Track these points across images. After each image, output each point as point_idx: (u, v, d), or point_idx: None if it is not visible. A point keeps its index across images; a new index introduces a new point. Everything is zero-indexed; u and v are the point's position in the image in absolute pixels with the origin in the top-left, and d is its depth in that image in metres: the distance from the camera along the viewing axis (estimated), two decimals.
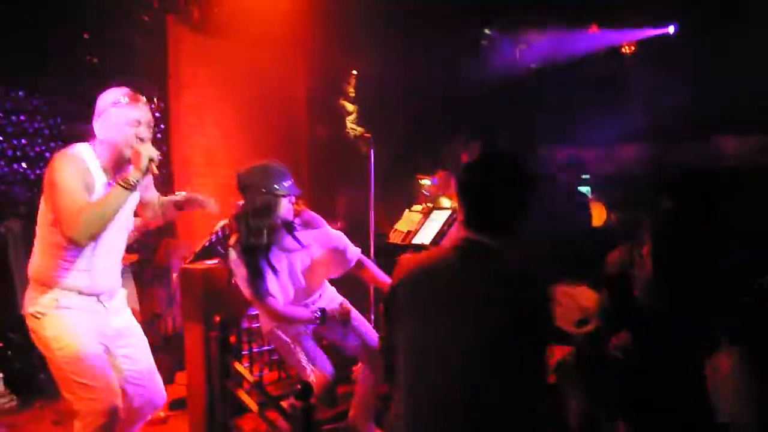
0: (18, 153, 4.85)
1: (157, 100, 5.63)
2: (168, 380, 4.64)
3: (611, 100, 6.56)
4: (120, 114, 2.39)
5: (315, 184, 7.02)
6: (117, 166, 2.44)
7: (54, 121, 5.06)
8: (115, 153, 2.43)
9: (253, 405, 3.37)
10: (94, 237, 2.32)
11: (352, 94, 7.61)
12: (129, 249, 3.46)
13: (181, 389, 4.28)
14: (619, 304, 2.42)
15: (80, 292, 2.44)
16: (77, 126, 4.73)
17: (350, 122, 7.48)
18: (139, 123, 2.42)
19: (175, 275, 4.80)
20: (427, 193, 3.81)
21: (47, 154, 4.82)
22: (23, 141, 4.90)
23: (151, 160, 2.37)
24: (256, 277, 2.89)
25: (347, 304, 3.20)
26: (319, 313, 3.01)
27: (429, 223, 3.51)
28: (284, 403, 3.16)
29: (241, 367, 3.50)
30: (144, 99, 2.49)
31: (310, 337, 3.18)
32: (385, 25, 6.48)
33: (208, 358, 3.44)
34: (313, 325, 3.14)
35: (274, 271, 2.93)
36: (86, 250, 2.41)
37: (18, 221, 4.67)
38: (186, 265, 3.73)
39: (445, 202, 3.67)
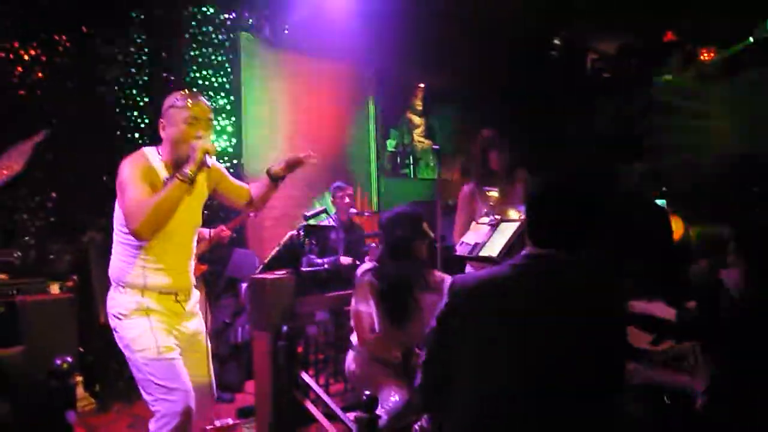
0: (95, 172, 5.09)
1: (231, 114, 5.79)
2: (237, 389, 4.74)
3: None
4: (178, 113, 2.50)
5: (383, 199, 7.05)
6: (180, 163, 2.51)
7: (138, 134, 5.30)
8: (177, 151, 2.52)
9: (319, 415, 3.38)
10: (157, 230, 2.40)
11: (420, 107, 7.62)
12: (200, 259, 3.56)
13: (249, 398, 4.35)
14: (703, 319, 2.28)
15: (159, 292, 2.53)
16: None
17: (417, 135, 7.48)
18: (197, 120, 2.50)
19: (244, 285, 4.89)
20: (493, 204, 3.74)
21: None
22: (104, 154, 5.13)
23: (207, 152, 2.44)
24: (388, 312, 3.15)
25: None
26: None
27: (497, 236, 3.44)
28: (350, 415, 3.17)
29: (308, 377, 3.53)
30: (201, 98, 2.57)
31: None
32: (454, 37, 6.47)
33: (276, 368, 3.47)
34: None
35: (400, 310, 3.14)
36: (159, 248, 2.50)
37: (99, 233, 4.88)
38: (255, 275, 3.79)
39: (513, 213, 3.59)
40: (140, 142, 5.20)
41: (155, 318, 2.50)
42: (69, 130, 5.09)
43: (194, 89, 2.66)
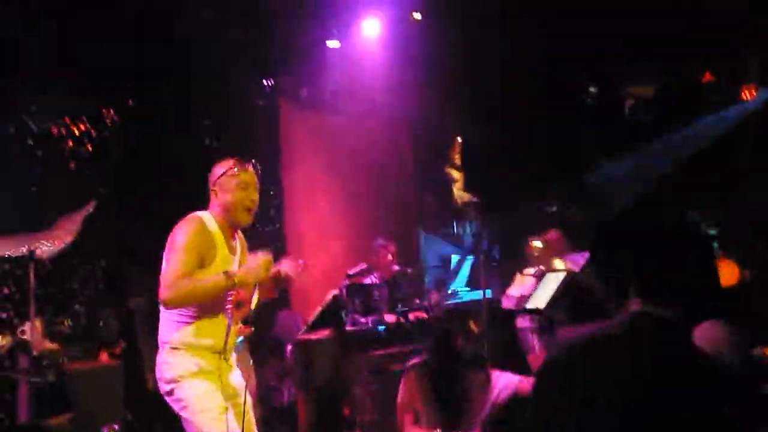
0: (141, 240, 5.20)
1: (271, 176, 5.89)
2: None
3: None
4: (229, 180, 2.61)
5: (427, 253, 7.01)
6: (232, 228, 2.66)
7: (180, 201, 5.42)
8: (229, 216, 2.63)
9: None
10: (181, 306, 2.49)
11: (458, 161, 7.64)
12: (244, 322, 3.56)
13: None
14: None
15: (212, 351, 2.58)
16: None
17: (457, 189, 7.48)
18: (247, 186, 2.61)
19: (289, 347, 4.86)
20: (537, 255, 3.67)
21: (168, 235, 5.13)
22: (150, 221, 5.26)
23: (266, 268, 2.55)
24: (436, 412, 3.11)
25: None
26: None
27: (542, 286, 3.36)
28: None
29: None
30: (251, 166, 2.68)
31: None
32: (488, 90, 6.51)
33: (323, 430, 3.41)
34: None
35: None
36: (209, 310, 2.56)
37: (144, 299, 4.96)
38: (299, 337, 3.77)
39: (559, 264, 3.51)
40: (181, 210, 5.31)
41: (210, 379, 2.55)
42: (115, 200, 5.25)
43: (237, 155, 2.73)
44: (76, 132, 5.22)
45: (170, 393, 2.55)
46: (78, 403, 3.16)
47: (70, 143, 5.17)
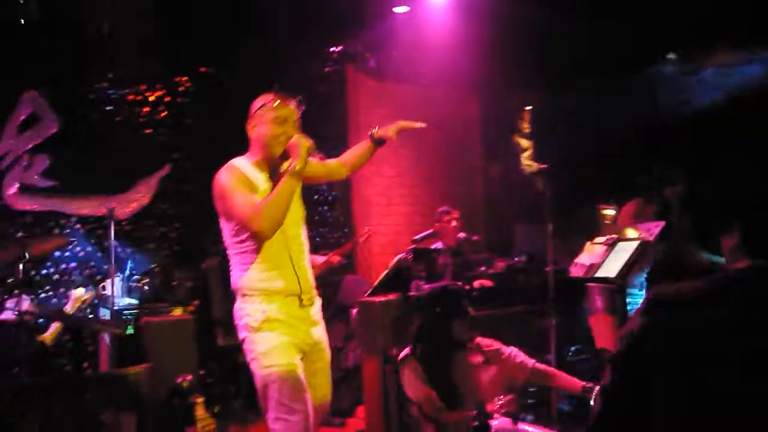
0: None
1: (337, 144, 5.93)
2: (348, 413, 4.75)
3: None
4: (267, 113, 2.52)
5: (491, 222, 6.95)
6: (269, 163, 2.55)
7: None
8: (266, 151, 2.53)
9: None
10: (278, 226, 2.41)
11: (527, 130, 7.47)
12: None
13: (360, 422, 4.35)
14: None
15: (284, 295, 2.50)
16: None
17: (525, 158, 7.33)
18: (286, 121, 2.51)
19: (354, 311, 4.94)
20: (609, 223, 3.57)
21: None
22: None
23: (308, 148, 2.43)
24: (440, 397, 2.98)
25: None
26: None
27: (614, 255, 3.26)
28: None
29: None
30: (294, 102, 2.57)
31: None
32: (559, 59, 6.32)
33: (385, 392, 3.46)
34: None
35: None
36: (275, 247, 2.48)
37: (217, 258, 5.11)
38: (365, 299, 3.82)
39: (632, 232, 3.40)
40: None
41: (283, 331, 2.47)
42: (188, 164, 5.42)
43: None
44: (152, 98, 5.40)
45: (243, 342, 2.51)
46: (154, 355, 3.33)
47: (146, 109, 5.35)
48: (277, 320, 2.46)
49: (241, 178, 2.47)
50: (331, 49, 6.08)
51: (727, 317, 1.39)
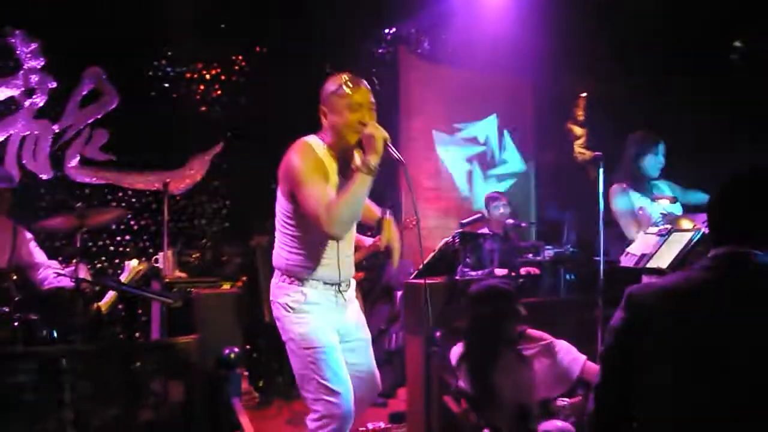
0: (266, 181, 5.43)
1: (388, 126, 5.92)
2: (390, 394, 4.78)
3: None
4: (340, 99, 2.39)
5: (542, 209, 6.85)
6: (344, 151, 2.47)
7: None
8: (340, 139, 2.43)
9: (469, 425, 3.31)
10: (350, 228, 2.42)
11: (581, 117, 7.31)
12: (357, 267, 3.66)
13: (402, 404, 4.37)
14: None
15: (324, 282, 2.49)
16: None
17: (578, 146, 7.18)
18: (360, 105, 2.39)
19: (399, 294, 4.95)
20: (664, 213, 3.47)
21: None
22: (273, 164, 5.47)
23: (385, 140, 2.33)
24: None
25: None
26: None
27: (667, 246, 3.18)
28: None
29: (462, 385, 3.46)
30: (363, 82, 2.45)
31: None
32: (616, 45, 6.14)
33: (428, 374, 3.45)
34: None
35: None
36: (322, 241, 2.45)
37: (266, 236, 5.19)
38: (410, 280, 3.82)
39: (687, 223, 3.30)
40: None
41: (320, 314, 2.47)
42: (241, 142, 5.50)
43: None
44: (208, 76, 5.49)
45: (279, 320, 2.52)
46: (202, 326, 3.42)
47: (202, 87, 5.45)
48: (316, 304, 2.47)
49: (316, 164, 2.37)
50: (385, 31, 6.06)
51: (698, 290, 1.50)
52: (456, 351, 3.11)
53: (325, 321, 2.48)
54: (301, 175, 2.33)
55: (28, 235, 3.86)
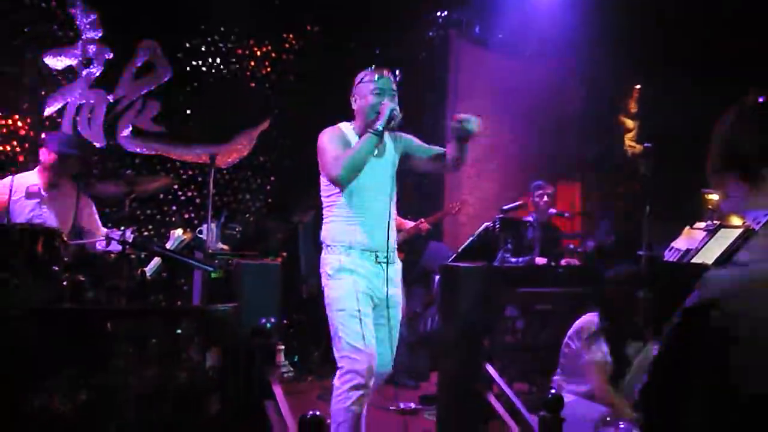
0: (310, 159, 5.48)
1: (436, 109, 5.90)
2: (423, 377, 4.80)
3: None
4: (366, 86, 2.76)
5: (586, 202, 6.75)
6: (366, 130, 2.74)
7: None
8: (365, 119, 2.75)
9: (500, 410, 3.30)
10: (354, 176, 2.65)
11: (634, 110, 7.15)
12: (398, 249, 3.69)
13: (433, 387, 4.38)
14: None
15: (361, 248, 2.71)
16: None
17: (629, 139, 7.03)
18: (382, 91, 2.72)
19: (437, 278, 4.95)
20: (713, 208, 3.38)
21: None
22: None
23: (392, 110, 2.64)
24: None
25: None
26: None
27: (714, 242, 3.10)
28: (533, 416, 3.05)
29: (492, 371, 3.46)
30: (386, 71, 2.78)
31: None
32: (671, 36, 5.97)
33: (460, 358, 3.45)
34: None
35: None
36: (357, 204, 2.73)
37: (309, 213, 5.25)
38: (448, 263, 3.81)
39: (736, 220, 3.21)
40: None
41: (358, 279, 2.67)
42: (288, 119, 5.56)
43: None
44: (259, 53, 5.55)
45: (323, 288, 2.75)
46: (241, 296, 3.48)
47: (252, 63, 5.51)
48: (352, 270, 2.69)
49: (339, 137, 2.76)
50: (437, 14, 6.02)
51: None
52: (583, 324, 3.22)
53: (359, 287, 2.67)
54: (323, 144, 2.74)
55: (91, 202, 4.00)
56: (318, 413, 1.99)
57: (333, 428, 2.64)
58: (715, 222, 3.25)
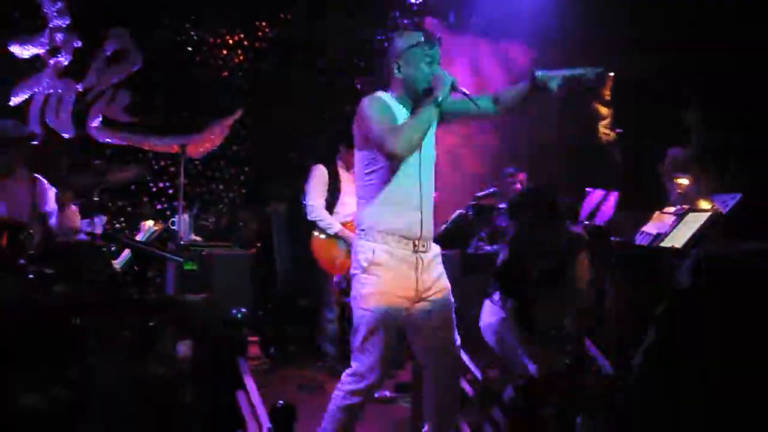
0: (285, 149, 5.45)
1: None
2: (399, 366, 4.79)
3: None
4: (417, 54, 2.51)
5: (562, 187, 6.76)
6: (414, 101, 2.55)
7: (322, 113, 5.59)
8: (412, 90, 2.54)
9: (474, 397, 3.31)
10: (412, 151, 2.43)
11: (608, 97, 7.17)
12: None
13: (409, 374, 4.38)
14: None
15: (400, 236, 2.49)
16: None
17: (603, 126, 7.05)
18: (434, 60, 2.53)
19: None
20: (681, 192, 3.41)
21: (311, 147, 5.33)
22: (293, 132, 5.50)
23: (454, 81, 2.46)
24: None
25: None
26: None
27: (682, 226, 3.12)
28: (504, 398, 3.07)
29: (466, 358, 3.46)
30: (439, 39, 2.60)
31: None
32: (650, 24, 5.98)
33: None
34: None
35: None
36: (402, 188, 2.50)
37: (283, 203, 5.22)
38: None
39: (705, 204, 3.24)
40: (325, 123, 5.45)
41: (389, 278, 2.47)
42: (262, 108, 5.50)
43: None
44: (231, 42, 5.48)
45: (353, 277, 2.56)
46: (213, 286, 3.46)
47: (225, 52, 5.44)
48: (383, 264, 2.47)
49: (387, 107, 2.51)
50: (411, 1, 5.98)
51: None
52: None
53: (391, 285, 2.48)
54: (369, 112, 2.47)
55: (47, 185, 3.89)
56: (289, 403, 1.98)
57: (326, 416, 2.56)
58: (684, 206, 3.28)
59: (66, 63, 4.91)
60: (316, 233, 4.50)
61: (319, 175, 4.59)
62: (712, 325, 1.34)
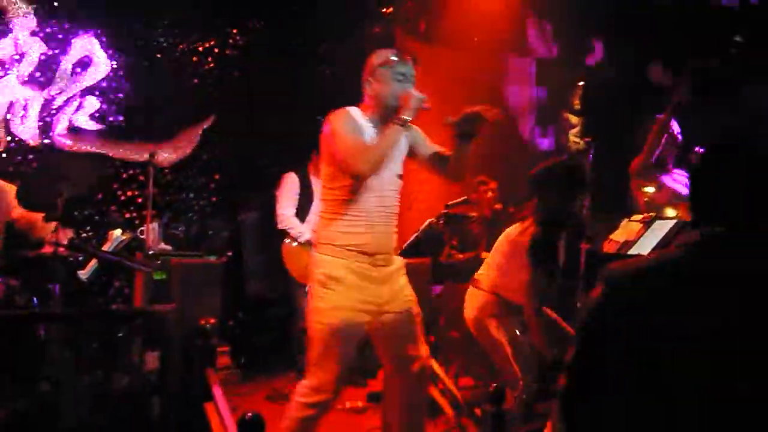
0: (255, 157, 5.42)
1: None
2: (372, 375, 4.78)
3: None
4: (388, 71, 2.53)
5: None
6: (383, 118, 2.54)
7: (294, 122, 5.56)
8: (382, 106, 2.55)
9: (445, 406, 3.32)
10: (376, 170, 2.44)
11: (578, 106, 7.28)
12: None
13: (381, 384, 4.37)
14: None
15: (358, 252, 2.48)
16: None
17: (573, 135, 7.16)
18: (404, 78, 2.54)
19: None
20: (647, 200, 3.47)
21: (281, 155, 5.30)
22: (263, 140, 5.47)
23: (422, 100, 2.49)
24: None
25: None
26: None
27: (649, 234, 3.17)
28: (477, 410, 3.08)
29: (438, 368, 3.47)
30: (408, 56, 2.62)
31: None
32: (619, 32, 6.09)
33: None
34: None
35: None
36: (362, 205, 2.49)
37: (254, 211, 5.18)
38: None
39: (670, 211, 3.29)
40: (295, 130, 5.42)
41: (345, 292, 2.46)
42: (233, 116, 5.46)
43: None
44: (201, 48, 5.44)
45: (308, 290, 2.56)
46: (181, 296, 3.41)
47: (195, 58, 5.39)
48: (341, 279, 2.46)
49: (354, 124, 2.51)
50: (382, 10, 6.00)
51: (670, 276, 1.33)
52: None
53: (348, 300, 2.46)
54: (336, 129, 2.48)
55: (8, 188, 3.79)
56: (258, 413, 1.95)
57: (285, 421, 2.51)
58: (651, 214, 3.33)
59: (31, 69, 4.82)
60: (287, 241, 4.49)
61: (290, 182, 4.58)
62: None
